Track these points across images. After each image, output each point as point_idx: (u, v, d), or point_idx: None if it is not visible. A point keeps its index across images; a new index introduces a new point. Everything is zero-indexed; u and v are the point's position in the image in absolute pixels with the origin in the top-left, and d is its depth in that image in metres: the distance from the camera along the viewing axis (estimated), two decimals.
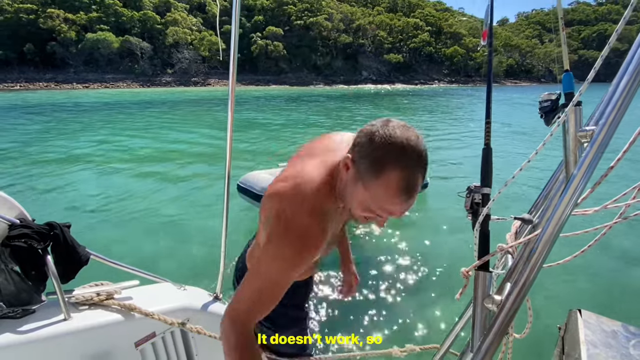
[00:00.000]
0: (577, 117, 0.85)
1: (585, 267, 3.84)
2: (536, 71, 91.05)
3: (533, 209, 1.08)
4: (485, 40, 1.38)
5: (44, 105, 23.89)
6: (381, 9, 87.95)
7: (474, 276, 0.92)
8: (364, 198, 0.82)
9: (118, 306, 1.27)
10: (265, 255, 0.87)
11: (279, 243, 0.84)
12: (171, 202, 6.02)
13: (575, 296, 3.45)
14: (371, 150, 0.78)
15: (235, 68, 1.36)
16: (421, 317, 3.09)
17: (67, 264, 1.19)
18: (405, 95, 39.75)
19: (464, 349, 0.95)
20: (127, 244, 4.44)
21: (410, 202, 0.81)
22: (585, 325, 0.99)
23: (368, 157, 0.78)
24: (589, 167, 0.72)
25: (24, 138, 12.19)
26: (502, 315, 0.77)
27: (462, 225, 4.71)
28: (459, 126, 16.27)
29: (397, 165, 0.76)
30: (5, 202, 1.16)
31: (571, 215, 0.78)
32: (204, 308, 1.49)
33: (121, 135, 13.00)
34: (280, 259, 0.84)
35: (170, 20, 58.09)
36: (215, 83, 55.56)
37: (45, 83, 47.09)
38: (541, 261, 0.75)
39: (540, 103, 1.00)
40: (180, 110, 22.58)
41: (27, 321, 1.13)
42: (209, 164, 8.65)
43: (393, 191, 0.77)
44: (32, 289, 1.14)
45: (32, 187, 6.80)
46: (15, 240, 1.08)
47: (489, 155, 0.99)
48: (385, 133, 0.77)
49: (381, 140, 0.77)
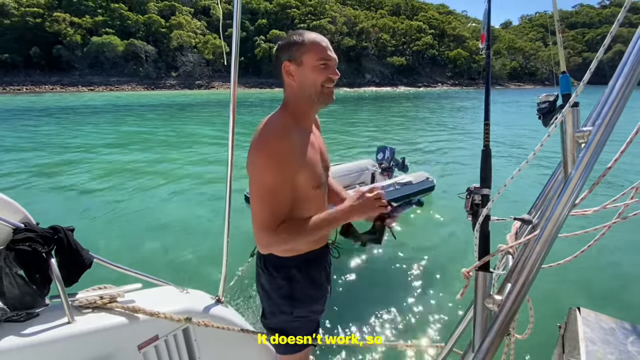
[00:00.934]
0: (575, 118, 0.85)
1: (586, 266, 3.83)
2: (540, 74, 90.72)
3: (533, 209, 1.08)
4: (484, 44, 1.39)
5: (50, 109, 24.10)
6: (384, 12, 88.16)
7: (475, 276, 0.92)
8: (312, 63, 1.14)
9: (121, 309, 1.28)
10: (254, 176, 1.13)
11: (258, 159, 1.11)
12: (176, 204, 6.05)
13: (576, 295, 3.44)
14: (292, 43, 1.15)
15: (237, 73, 1.37)
16: (423, 317, 3.08)
17: (71, 268, 1.20)
18: (410, 99, 39.70)
19: (466, 348, 0.95)
20: (129, 247, 4.46)
21: (326, 40, 1.18)
22: (584, 323, 1.00)
23: (294, 45, 1.15)
24: (587, 167, 0.73)
25: (27, 141, 12.31)
26: (502, 315, 0.77)
27: (464, 225, 4.70)
28: (460, 128, 16.24)
29: (306, 34, 1.16)
30: (9, 206, 1.17)
31: (570, 215, 0.79)
32: (206, 311, 1.50)
33: (124, 139, 13.08)
34: (264, 167, 1.10)
35: (175, 23, 58.55)
36: (219, 86, 55.84)
37: (51, 86, 47.54)
38: (540, 261, 0.75)
39: (538, 104, 1.01)
40: (190, 112, 22.71)
41: (31, 324, 1.14)
42: (215, 166, 8.67)
43: (315, 42, 1.15)
44: (36, 293, 1.14)
45: (36, 190, 6.86)
46: (19, 244, 1.09)
47: (488, 157, 1.00)
48: (288, 36, 1.18)
49: (292, 36, 1.17)
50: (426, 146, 11.64)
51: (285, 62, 1.16)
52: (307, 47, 1.14)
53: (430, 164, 8.96)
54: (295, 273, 1.31)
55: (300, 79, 1.16)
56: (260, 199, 1.13)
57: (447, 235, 4.76)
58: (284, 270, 1.30)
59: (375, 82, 69.98)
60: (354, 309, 3.19)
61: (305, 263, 1.32)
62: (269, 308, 1.38)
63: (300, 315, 1.35)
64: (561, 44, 0.93)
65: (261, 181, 1.12)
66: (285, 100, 1.23)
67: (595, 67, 0.76)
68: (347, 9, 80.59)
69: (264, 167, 1.11)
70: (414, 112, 24.67)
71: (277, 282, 1.31)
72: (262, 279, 1.36)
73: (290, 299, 1.32)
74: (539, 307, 1.01)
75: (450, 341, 1.14)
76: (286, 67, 1.17)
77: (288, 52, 1.16)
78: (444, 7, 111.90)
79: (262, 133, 1.14)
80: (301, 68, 1.15)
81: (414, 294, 3.44)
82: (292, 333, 1.36)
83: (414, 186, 5.30)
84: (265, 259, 1.34)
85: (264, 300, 1.40)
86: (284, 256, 1.30)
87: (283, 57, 1.17)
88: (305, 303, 1.34)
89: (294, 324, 1.36)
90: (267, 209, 1.12)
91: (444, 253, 4.28)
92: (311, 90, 1.17)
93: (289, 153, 1.12)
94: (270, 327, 1.40)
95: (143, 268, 1.51)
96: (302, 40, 1.14)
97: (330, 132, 14.37)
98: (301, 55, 1.14)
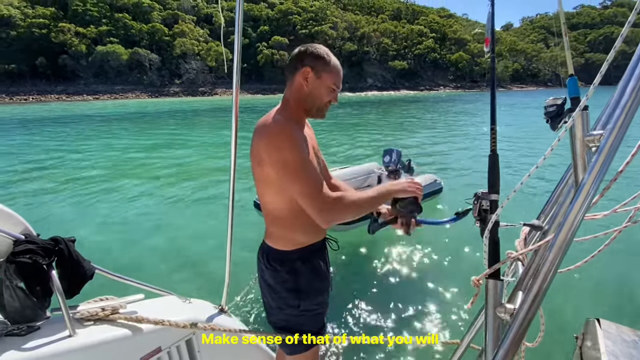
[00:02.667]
0: (584, 122, 0.83)
1: (596, 271, 3.75)
2: (542, 75, 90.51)
3: (542, 214, 1.05)
4: (488, 47, 1.38)
5: (53, 118, 24.35)
6: (385, 17, 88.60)
7: (485, 284, 0.90)
8: (327, 82, 1.27)
9: (124, 320, 1.26)
10: (278, 162, 1.18)
11: (281, 142, 1.17)
12: (178, 213, 6.04)
13: (586, 302, 3.37)
14: (319, 57, 1.26)
15: (239, 80, 1.37)
16: (432, 324, 3.04)
17: (72, 279, 1.18)
18: (412, 102, 39.71)
19: (476, 359, 0.92)
20: (130, 257, 4.43)
21: (342, 73, 1.32)
22: (605, 336, 0.96)
23: (320, 60, 1.26)
24: (599, 172, 0.70)
25: (27, 152, 12.42)
26: (516, 326, 0.74)
27: (471, 230, 4.65)
28: (462, 130, 16.19)
29: (332, 56, 1.29)
30: (10, 218, 1.16)
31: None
32: (210, 320, 1.48)
33: (126, 147, 13.17)
34: (290, 147, 1.16)
35: (178, 31, 59.19)
36: (222, 93, 56.19)
37: (56, 95, 48.08)
38: (554, 269, 0.73)
39: (546, 108, 0.99)
40: (197, 119, 22.86)
41: (32, 338, 1.12)
42: (224, 174, 8.65)
43: (337, 69, 1.29)
44: (37, 305, 1.12)
45: (36, 200, 6.88)
46: (20, 256, 1.07)
47: (495, 162, 0.98)
48: (318, 48, 1.29)
49: (319, 49, 1.28)
50: (430, 148, 11.61)
51: (307, 68, 1.26)
52: (330, 68, 1.27)
53: (435, 166, 8.92)
54: (299, 265, 1.35)
55: (312, 88, 1.27)
56: (296, 176, 1.17)
57: (452, 240, 4.71)
58: (287, 264, 1.35)
59: (377, 86, 70.13)
60: (360, 309, 3.18)
61: (308, 255, 1.37)
62: (275, 303, 1.39)
63: (306, 309, 1.37)
64: (568, 47, 0.91)
65: (288, 161, 1.16)
66: (287, 99, 1.32)
67: (594, 66, 0.74)
68: (348, 14, 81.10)
69: (286, 148, 1.16)
70: (417, 115, 24.66)
71: (282, 276, 1.35)
72: (267, 274, 1.39)
73: (296, 292, 1.35)
74: (548, 313, 0.98)
75: (457, 352, 1.11)
76: (307, 72, 1.26)
77: (313, 61, 1.26)
78: (444, 11, 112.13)
79: (273, 123, 1.21)
80: (318, 80, 1.27)
81: (420, 299, 3.40)
82: (299, 329, 1.38)
83: (424, 188, 5.27)
84: (268, 254, 1.38)
85: (269, 297, 1.41)
86: (286, 249, 1.35)
87: (307, 62, 1.26)
88: (311, 295, 1.37)
89: (300, 318, 1.39)
90: (307, 180, 1.17)
91: (450, 258, 4.23)
92: (316, 101, 1.29)
93: (302, 138, 1.23)
94: (278, 324, 1.41)
95: (145, 278, 1.50)
96: (329, 61, 1.28)
97: (333, 135, 14.40)
98: (322, 71, 1.27)
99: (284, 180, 1.20)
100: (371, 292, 3.51)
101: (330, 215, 1.18)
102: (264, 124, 1.23)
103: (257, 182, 1.32)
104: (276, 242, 1.37)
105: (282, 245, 1.36)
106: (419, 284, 3.68)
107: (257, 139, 1.22)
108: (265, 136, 1.20)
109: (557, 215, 0.91)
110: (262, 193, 1.33)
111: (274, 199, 1.30)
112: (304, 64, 1.26)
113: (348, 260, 4.14)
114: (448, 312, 3.18)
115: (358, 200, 1.21)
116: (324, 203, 1.16)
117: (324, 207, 1.16)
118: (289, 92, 1.30)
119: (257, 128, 1.26)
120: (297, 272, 1.35)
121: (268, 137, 1.19)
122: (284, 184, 1.21)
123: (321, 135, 14.78)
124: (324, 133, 15.16)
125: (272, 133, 1.19)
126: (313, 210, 1.17)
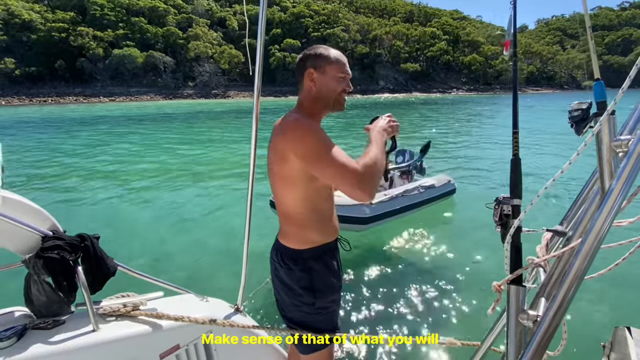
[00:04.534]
0: (612, 127, 0.82)
1: (619, 278, 3.65)
2: (558, 78, 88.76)
3: (565, 220, 1.04)
4: (508, 51, 1.36)
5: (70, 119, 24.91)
6: (397, 20, 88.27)
7: (506, 290, 0.89)
8: (333, 73, 1.31)
9: (145, 316, 1.29)
10: (313, 148, 1.21)
11: (305, 135, 1.21)
12: (197, 212, 6.12)
13: (610, 309, 3.27)
14: (318, 55, 1.32)
15: (260, 80, 1.39)
16: (451, 326, 3.00)
17: (96, 275, 1.22)
18: (425, 105, 39.41)
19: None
20: (150, 254, 4.52)
21: (345, 59, 1.37)
22: (637, 345, 0.93)
23: (319, 57, 1.32)
24: (628, 178, 0.69)
25: (58, 150, 12.75)
26: (540, 333, 0.73)
27: (488, 233, 4.60)
28: (478, 133, 15.98)
29: (331, 49, 1.35)
30: (38, 214, 1.20)
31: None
32: (226, 319, 1.50)
33: (145, 147, 13.41)
34: (314, 137, 1.21)
35: (192, 35, 60.14)
36: (235, 95, 56.83)
37: (74, 97, 49.41)
38: (581, 276, 0.71)
39: (570, 112, 0.98)
40: (215, 120, 23.14)
41: (58, 332, 1.15)
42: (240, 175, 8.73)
43: (338, 58, 1.33)
44: (63, 300, 1.16)
45: (63, 197, 7.07)
46: (48, 252, 1.11)
47: (517, 166, 0.97)
48: (315, 48, 1.36)
49: (318, 48, 1.35)
50: (444, 150, 11.50)
51: (310, 69, 1.31)
52: (331, 60, 1.32)
53: (450, 167, 8.83)
54: (312, 264, 1.37)
55: (320, 85, 1.32)
56: (329, 160, 1.19)
57: (474, 243, 4.65)
58: (301, 262, 1.37)
59: (389, 88, 69.87)
60: (374, 310, 3.19)
61: (321, 253, 1.40)
62: (291, 301, 1.41)
63: (321, 307, 1.39)
64: (594, 51, 0.90)
65: (315, 149, 1.20)
66: (300, 102, 1.36)
67: (612, 69, 0.73)
68: (360, 17, 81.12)
69: (311, 139, 1.21)
70: (431, 117, 24.45)
71: (296, 275, 1.37)
72: (282, 273, 1.41)
73: (311, 290, 1.36)
74: (571, 320, 0.96)
75: (479, 352, 1.10)
76: (310, 73, 1.31)
77: (314, 61, 1.31)
78: (457, 13, 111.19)
79: (294, 121, 1.26)
80: (323, 76, 1.31)
81: (436, 301, 3.36)
82: (314, 327, 1.40)
83: (437, 189, 5.33)
84: (282, 253, 1.40)
85: (284, 295, 1.43)
86: (300, 248, 1.37)
87: (308, 64, 1.32)
88: (326, 293, 1.39)
89: (316, 316, 1.40)
90: (339, 161, 1.19)
91: (465, 260, 4.18)
92: (329, 95, 1.33)
93: (322, 129, 1.27)
94: (293, 321, 1.43)
95: (164, 276, 1.53)
96: (328, 54, 1.32)
97: (343, 135, 14.38)
98: (325, 66, 1.31)
99: (315, 169, 1.22)
100: (385, 292, 3.49)
101: (369, 182, 1.20)
102: (283, 124, 1.28)
103: (277, 181, 1.34)
104: (290, 241, 1.39)
105: (295, 244, 1.38)
106: (434, 285, 3.63)
107: (279, 138, 1.26)
108: (288, 133, 1.24)
109: (582, 222, 0.90)
110: (280, 191, 1.36)
111: (291, 197, 1.33)
112: (306, 66, 1.32)
113: (366, 259, 4.13)
114: (466, 314, 3.15)
115: (375, 158, 1.24)
116: (359, 175, 1.18)
117: (361, 179, 1.18)
118: (302, 95, 1.36)
119: (275, 129, 1.31)
120: (311, 270, 1.37)
121: (292, 132, 1.23)
122: (316, 173, 1.23)
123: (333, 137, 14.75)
124: (336, 135, 15.15)
125: (294, 128, 1.24)
126: (352, 186, 1.18)
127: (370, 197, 1.22)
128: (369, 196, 1.21)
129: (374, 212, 4.34)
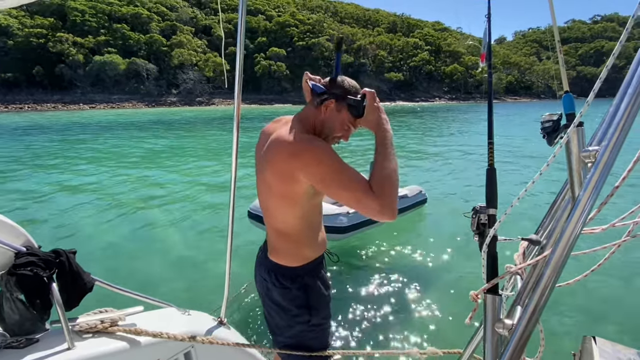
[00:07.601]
0: (580, 138, 0.85)
1: (594, 286, 3.75)
2: (535, 87, 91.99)
3: (540, 229, 1.06)
4: (484, 62, 1.41)
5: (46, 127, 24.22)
6: (381, 30, 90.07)
7: (483, 299, 0.90)
8: (344, 120, 1.27)
9: (123, 332, 1.25)
10: (316, 173, 1.15)
11: (319, 156, 1.14)
12: (177, 226, 6.00)
13: (586, 318, 3.35)
14: (348, 91, 1.26)
15: (240, 90, 1.38)
16: (432, 336, 3.02)
17: (72, 291, 1.17)
18: (409, 113, 40.02)
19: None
20: (129, 268, 4.39)
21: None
22: (601, 354, 0.96)
23: (348, 94, 1.25)
24: (595, 188, 0.72)
25: (28, 160, 12.33)
26: (515, 341, 0.75)
27: (466, 242, 4.67)
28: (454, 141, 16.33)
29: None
30: (12, 230, 1.16)
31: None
32: (209, 332, 1.47)
33: (122, 161, 13.12)
34: (329, 158, 1.14)
35: (176, 42, 59.64)
36: (220, 103, 56.42)
37: (52, 104, 48.02)
38: (552, 284, 0.73)
39: (542, 123, 1.01)
40: (187, 128, 22.85)
41: (31, 351, 1.10)
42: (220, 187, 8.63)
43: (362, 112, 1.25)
44: (36, 318, 1.11)
45: (39, 212, 6.82)
46: (21, 268, 1.07)
47: (493, 176, 0.99)
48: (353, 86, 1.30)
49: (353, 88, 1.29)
50: (416, 158, 11.69)
51: (333, 100, 1.25)
52: (352, 106, 1.27)
53: (421, 177, 8.96)
54: (308, 280, 1.35)
55: (327, 119, 1.27)
56: (340, 182, 1.13)
57: (451, 253, 4.71)
58: (298, 280, 1.34)
59: None
60: (358, 322, 3.16)
61: (314, 268, 1.38)
62: (284, 322, 1.38)
63: (315, 324, 1.37)
64: (563, 64, 0.94)
65: (326, 169, 1.13)
66: (306, 116, 1.31)
67: (585, 79, 0.76)
68: (344, 27, 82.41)
69: (326, 161, 1.13)
70: (413, 126, 24.86)
71: (293, 293, 1.34)
72: (275, 293, 1.37)
73: (307, 308, 1.35)
74: (549, 329, 0.98)
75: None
76: (330, 103, 1.25)
77: (341, 94, 1.25)
78: (439, 24, 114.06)
79: (307, 141, 1.18)
80: (336, 114, 1.27)
81: (417, 310, 3.38)
82: (308, 345, 1.38)
83: (409, 199, 5.41)
84: (276, 272, 1.35)
85: (276, 316, 1.40)
86: (295, 266, 1.34)
87: (336, 93, 1.25)
88: (320, 309, 1.38)
89: (310, 334, 1.38)
90: (352, 183, 1.12)
91: (447, 271, 4.23)
92: (325, 131, 1.30)
93: (331, 148, 1.21)
94: (286, 343, 1.40)
95: (144, 290, 1.49)
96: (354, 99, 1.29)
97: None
98: (344, 107, 1.26)
99: (332, 194, 1.16)
100: (363, 304, 3.48)
101: (390, 205, 1.11)
102: (291, 143, 1.17)
103: (273, 198, 1.28)
104: (284, 259, 1.35)
105: (290, 262, 1.34)
106: (414, 295, 3.66)
107: (285, 158, 1.17)
108: (301, 155, 1.15)
109: (555, 230, 0.92)
110: (277, 209, 1.30)
111: (291, 215, 1.28)
112: (332, 93, 1.25)
113: (345, 271, 4.12)
114: (448, 322, 3.17)
115: (392, 168, 1.17)
116: (378, 200, 1.10)
117: (382, 203, 1.09)
118: (311, 111, 1.29)
119: (276, 145, 1.21)
120: (307, 287, 1.35)
121: (307, 155, 1.14)
122: (332, 197, 1.17)
123: None
124: None
125: (306, 150, 1.15)
126: (374, 213, 1.11)
127: (393, 217, 1.12)
128: (393, 217, 1.12)
129: (352, 222, 4.31)
